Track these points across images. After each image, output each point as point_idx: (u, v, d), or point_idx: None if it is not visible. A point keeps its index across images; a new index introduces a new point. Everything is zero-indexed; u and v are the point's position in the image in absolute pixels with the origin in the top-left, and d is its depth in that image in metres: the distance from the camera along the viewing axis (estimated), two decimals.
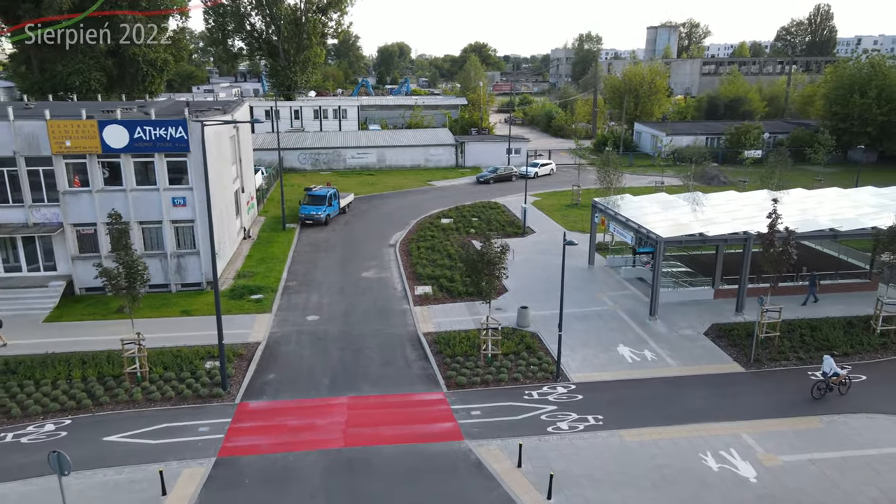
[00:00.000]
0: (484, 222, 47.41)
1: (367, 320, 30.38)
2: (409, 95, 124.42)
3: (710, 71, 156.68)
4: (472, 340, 27.55)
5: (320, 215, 46.72)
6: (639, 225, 30.93)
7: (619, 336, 28.39)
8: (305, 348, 27.40)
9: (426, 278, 35.55)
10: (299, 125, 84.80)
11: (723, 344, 27.61)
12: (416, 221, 48.23)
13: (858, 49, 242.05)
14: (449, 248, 40.81)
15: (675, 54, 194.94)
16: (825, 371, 23.29)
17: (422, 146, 71.36)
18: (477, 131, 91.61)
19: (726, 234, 29.29)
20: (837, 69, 78.16)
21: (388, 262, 39.17)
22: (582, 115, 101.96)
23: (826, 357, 23.54)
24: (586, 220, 48.46)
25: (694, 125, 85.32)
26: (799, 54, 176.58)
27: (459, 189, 60.42)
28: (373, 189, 59.92)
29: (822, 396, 23.29)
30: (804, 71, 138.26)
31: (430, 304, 32.38)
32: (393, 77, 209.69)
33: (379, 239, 43.91)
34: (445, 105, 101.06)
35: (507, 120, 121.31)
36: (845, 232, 30.04)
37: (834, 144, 61.86)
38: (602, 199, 36.42)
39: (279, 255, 39.73)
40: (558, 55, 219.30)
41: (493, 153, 71.54)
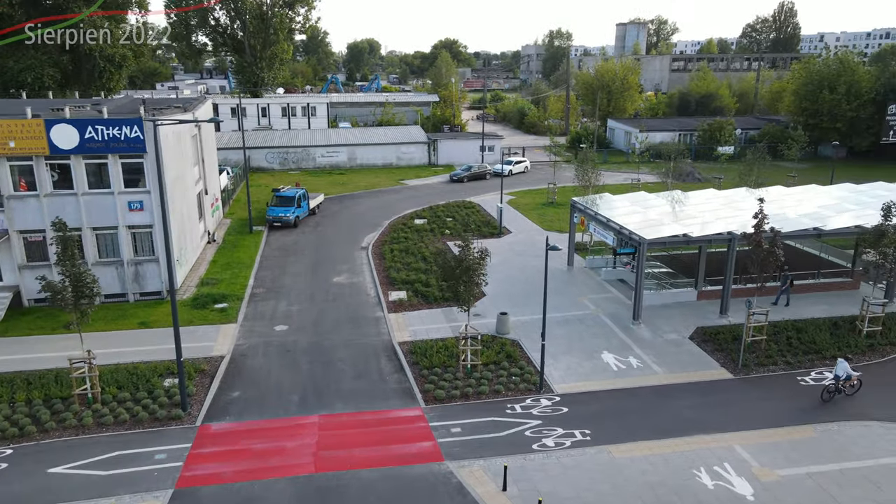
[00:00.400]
0: (459, 223, 46.09)
1: (338, 329, 28.81)
2: (380, 92, 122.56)
3: (680, 67, 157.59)
4: (450, 350, 26.20)
5: (289, 217, 44.88)
6: (620, 226, 29.89)
7: (603, 342, 27.31)
8: (273, 361, 25.74)
9: (400, 283, 34.09)
10: (267, 123, 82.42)
11: (709, 349, 26.72)
12: (389, 222, 46.69)
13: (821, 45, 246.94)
14: (423, 251, 39.39)
15: (644, 51, 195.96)
16: (838, 374, 22.57)
17: (393, 144, 69.75)
18: (449, 128, 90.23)
19: (710, 234, 28.41)
20: (807, 65, 78.59)
21: (360, 265, 37.59)
22: (554, 111, 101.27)
23: (840, 360, 22.84)
24: (563, 219, 47.49)
25: (666, 121, 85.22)
26: (764, 51, 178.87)
27: (433, 188, 59.00)
28: (344, 189, 58.15)
29: (830, 399, 22.55)
30: (771, 67, 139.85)
31: (405, 310, 30.95)
32: (363, 74, 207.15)
33: (350, 241, 42.28)
34: (417, 102, 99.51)
35: (479, 117, 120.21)
36: (829, 231, 29.40)
37: (807, 140, 61.81)
38: (581, 199, 35.36)
39: (245, 260, 37.86)
40: (529, 51, 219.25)
41: (467, 151, 70.27)
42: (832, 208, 32.44)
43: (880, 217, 26.70)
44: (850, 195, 35.73)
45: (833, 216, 30.94)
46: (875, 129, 71.86)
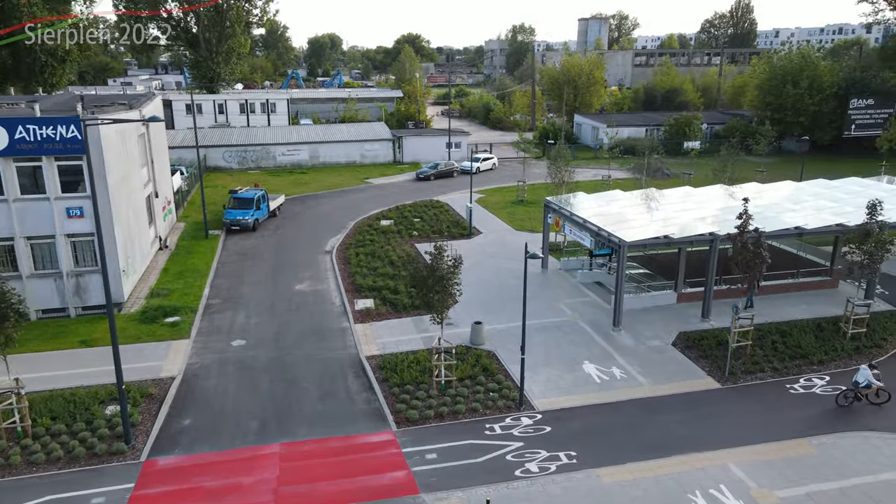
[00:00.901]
0: (427, 223, 44.29)
1: (301, 343, 26.76)
2: (342, 88, 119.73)
3: (642, 62, 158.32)
4: (422, 364, 24.42)
5: (247, 220, 42.44)
6: (598, 227, 28.51)
7: (584, 351, 25.88)
8: (230, 382, 23.59)
9: (367, 290, 32.15)
10: (224, 120, 79.16)
11: (693, 355, 25.52)
12: (354, 224, 44.62)
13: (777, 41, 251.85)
14: (391, 254, 37.50)
15: (607, 46, 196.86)
16: (857, 381, 21.54)
17: (357, 141, 67.51)
18: (414, 125, 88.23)
19: (692, 235, 27.21)
20: (771, 60, 78.86)
21: (324, 271, 35.50)
22: (520, 106, 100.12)
23: (863, 367, 21.85)
24: (534, 217, 46.12)
25: (633, 116, 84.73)
26: (723, 46, 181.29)
27: (399, 187, 57.05)
28: (306, 189, 55.75)
29: (848, 405, 21.54)
30: (731, 62, 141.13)
31: (373, 320, 29.05)
32: (325, 69, 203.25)
33: (313, 245, 40.10)
34: (380, 98, 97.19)
35: (444, 112, 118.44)
36: (811, 230, 28.52)
37: (775, 135, 61.73)
38: (555, 198, 33.92)
39: (200, 268, 35.40)
40: (492, 46, 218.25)
41: (433, 148, 68.46)
42: (810, 206, 31.66)
43: (865, 215, 25.84)
44: (826, 191, 35.12)
45: (813, 214, 30.12)
46: (837, 123, 72.41)
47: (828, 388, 23.07)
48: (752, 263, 23.78)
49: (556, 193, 39.44)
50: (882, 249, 24.85)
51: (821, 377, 23.84)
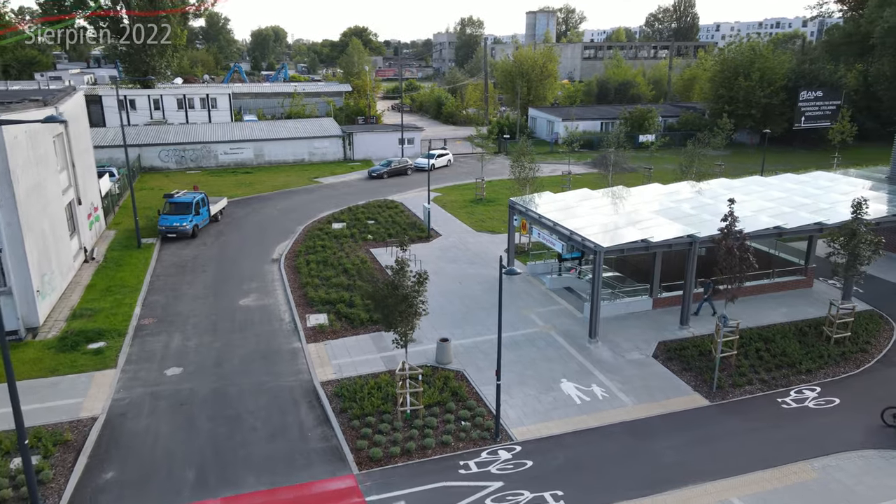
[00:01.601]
0: (382, 225, 41.64)
1: (247, 369, 23.80)
2: (288, 82, 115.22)
3: (591, 55, 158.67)
4: (384, 390, 21.86)
5: (185, 226, 38.85)
6: (571, 231, 26.43)
7: (560, 367, 23.77)
8: (162, 422, 20.50)
9: (320, 303, 29.32)
10: (161, 117, 74.32)
11: (676, 368, 23.75)
12: (304, 228, 41.55)
13: (718, 34, 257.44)
14: (344, 261, 34.70)
15: (555, 39, 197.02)
16: None
17: (305, 138, 64.05)
18: (364, 120, 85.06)
19: (672, 238, 25.41)
20: (722, 53, 78.85)
21: (271, 283, 32.44)
22: (473, 100, 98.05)
23: None
24: (495, 217, 44.00)
25: (588, 110, 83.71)
26: (668, 39, 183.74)
27: (350, 186, 54.05)
28: (250, 190, 52.16)
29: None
30: (677, 55, 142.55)
31: (327, 338, 26.28)
32: (269, 63, 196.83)
33: (260, 253, 36.90)
34: (328, 92, 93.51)
35: (394, 107, 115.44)
36: (791, 230, 27.15)
37: (732, 128, 61.22)
38: (520, 199, 31.74)
39: (131, 283, 31.84)
40: (440, 39, 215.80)
41: (385, 144, 65.64)
42: (785, 202, 30.41)
43: (850, 213, 24.52)
44: (796, 187, 34.06)
45: (789, 212, 28.82)
46: (787, 115, 72.79)
47: (820, 402, 21.60)
48: (741, 268, 22.08)
49: (518, 193, 37.39)
50: (868, 250, 23.55)
51: (811, 388, 22.38)
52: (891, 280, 31.84)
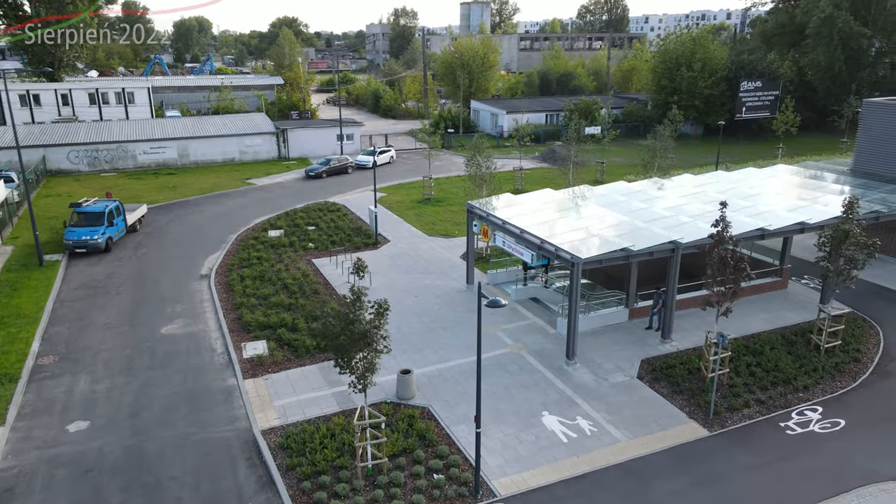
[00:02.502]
0: (324, 231, 37.93)
1: (170, 418, 19.91)
2: (214, 75, 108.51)
3: (527, 46, 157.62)
4: (338, 437, 18.48)
5: (97, 240, 34.05)
6: (542, 239, 23.62)
7: (538, 397, 20.97)
8: (61, 498, 16.47)
9: (257, 328, 25.54)
10: (70, 113, 67.53)
11: (665, 390, 21.35)
12: (237, 237, 37.35)
13: (647, 26, 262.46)
14: (284, 275, 30.91)
15: (490, 30, 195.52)
16: None
17: (235, 136, 59.10)
18: (299, 115, 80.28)
19: (654, 245, 22.96)
20: (664, 43, 78.22)
21: (200, 304, 28.34)
22: (412, 93, 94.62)
23: None
24: (447, 219, 40.98)
25: (532, 102, 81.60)
26: (598, 31, 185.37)
27: (287, 187, 49.84)
28: (174, 194, 47.21)
29: None
30: (613, 46, 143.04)
31: (268, 371, 22.61)
32: (193, 55, 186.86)
33: (186, 268, 32.60)
34: (258, 85, 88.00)
35: (329, 100, 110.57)
36: (774, 231, 25.23)
37: (682, 120, 60.20)
38: (480, 202, 28.75)
39: (29, 311, 27.12)
40: (374, 30, 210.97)
41: (322, 141, 61.45)
42: (759, 200, 28.61)
43: (834, 212, 22.73)
44: (765, 182, 32.51)
45: (767, 211, 26.97)
46: (728, 105, 72.78)
47: (825, 424, 19.62)
48: (735, 280, 19.81)
49: (475, 194, 34.39)
50: (862, 253, 21.78)
51: (812, 408, 20.41)
52: (864, 278, 30.59)
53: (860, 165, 34.29)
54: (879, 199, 28.98)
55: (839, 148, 63.07)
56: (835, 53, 70.09)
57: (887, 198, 29.25)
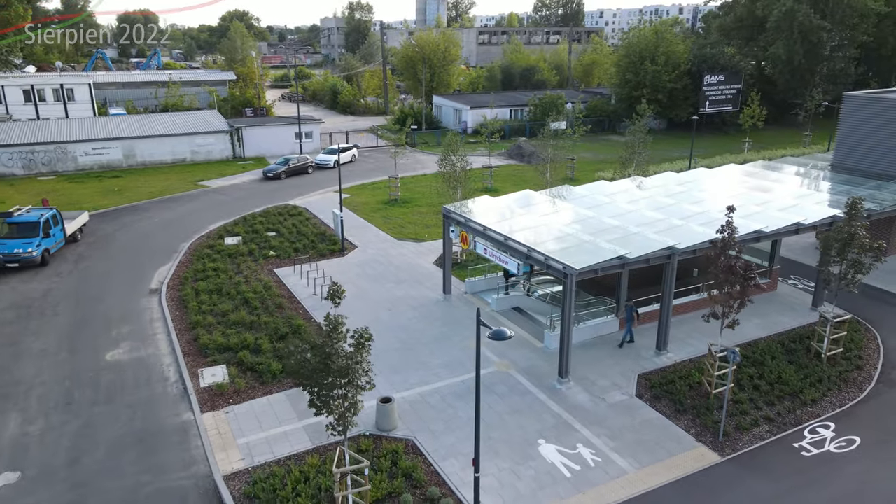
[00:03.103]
0: (285, 238, 35.35)
1: (116, 466, 17.31)
2: (162, 70, 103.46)
3: (485, 41, 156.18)
4: (313, 482, 16.24)
5: (31, 253, 30.76)
6: (529, 248, 21.73)
7: (532, 422, 19.11)
8: None
9: (216, 351, 23.01)
10: (4, 112, 62.72)
11: (667, 410, 19.75)
12: (190, 246, 34.47)
13: (601, 21, 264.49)
14: (244, 288, 28.34)
15: (446, 24, 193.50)
16: None
17: (186, 134, 55.59)
18: (253, 112, 76.80)
19: (650, 252, 21.31)
20: (628, 37, 77.44)
21: (150, 324, 25.58)
22: (371, 88, 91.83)
23: None
24: (416, 221, 38.87)
25: (496, 97, 79.84)
26: (554, 25, 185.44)
27: (243, 189, 46.86)
28: (120, 199, 43.77)
29: None
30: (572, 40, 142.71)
31: (229, 402, 20.17)
32: (139, 49, 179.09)
33: (134, 282, 29.68)
34: (210, 81, 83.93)
35: (285, 96, 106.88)
36: (770, 233, 23.93)
37: (652, 114, 59.30)
38: (456, 206, 26.70)
39: None
40: (328, 24, 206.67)
41: (280, 139, 58.46)
42: (748, 199, 27.33)
43: (842, 213, 21.52)
44: (750, 180, 31.38)
45: (758, 211, 25.68)
46: (692, 99, 72.48)
47: (841, 443, 18.31)
48: (743, 292, 18.30)
49: (448, 197, 32.31)
50: (869, 257, 20.59)
51: (824, 425, 19.09)
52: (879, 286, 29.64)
53: (840, 161, 33.53)
54: (868, 196, 28.04)
55: (802, 141, 63.22)
56: (794, 47, 70.45)
57: (875, 194, 28.40)
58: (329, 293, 13.76)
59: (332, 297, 13.75)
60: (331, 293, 13.74)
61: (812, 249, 30.67)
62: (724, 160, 56.08)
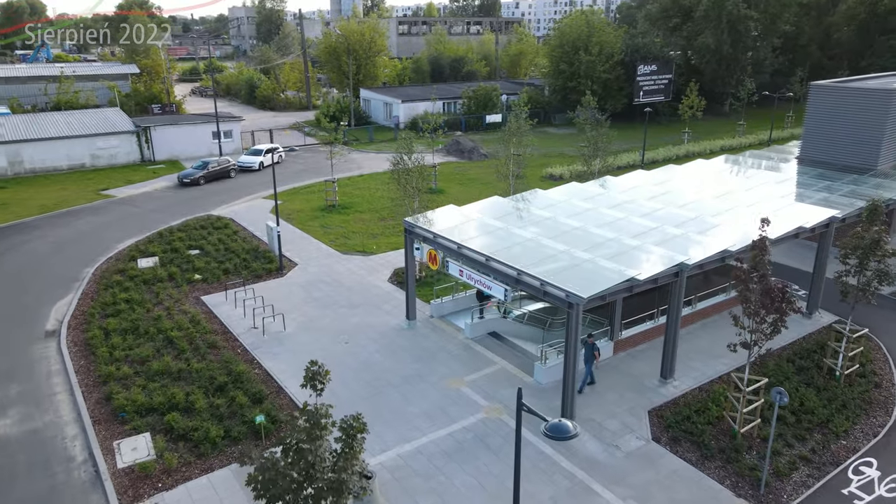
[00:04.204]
0: (212, 256, 30.55)
1: None
2: (52, 63, 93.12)
3: (406, 31, 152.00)
4: None
5: None
6: (519, 271, 18.37)
7: (543, 487, 15.82)
8: None
9: (136, 414, 18.41)
10: None
11: (692, 456, 16.98)
12: (94, 271, 29.11)
13: (518, 11, 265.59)
14: (166, 324, 23.63)
15: (363, 14, 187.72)
16: None
17: (85, 136, 48.78)
18: (162, 109, 69.68)
19: (660, 272, 18.38)
20: (560, 26, 75.55)
21: (46, 380, 20.50)
22: (291, 81, 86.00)
23: None
24: (359, 230, 34.96)
25: (425, 89, 76.17)
26: (471, 15, 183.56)
27: (156, 199, 41.14)
28: (4, 215, 37.24)
29: None
30: (492, 31, 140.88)
31: (158, 489, 15.78)
32: (24, 41, 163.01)
33: (23, 323, 24.25)
34: (109, 75, 75.57)
35: (195, 91, 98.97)
36: (775, 239, 21.58)
37: (597, 106, 57.29)
38: (420, 219, 22.95)
39: None
40: (238, 14, 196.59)
41: (195, 139, 52.51)
42: (737, 200, 25.11)
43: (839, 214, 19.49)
44: (722, 177, 29.37)
45: (754, 214, 23.44)
46: (626, 90, 71.48)
47: (891, 484, 16.08)
48: (781, 317, 15.72)
49: (402, 206, 28.40)
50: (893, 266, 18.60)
51: (866, 462, 16.87)
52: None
53: (808, 154, 32.16)
54: (850, 192, 26.54)
55: (736, 131, 63.20)
56: (722, 36, 70.71)
57: (857, 189, 26.91)
58: (307, 377, 9.83)
59: (310, 381, 9.83)
60: (309, 376, 9.82)
61: (797, 250, 29.00)
62: (668, 152, 55.06)
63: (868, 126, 29.48)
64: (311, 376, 9.86)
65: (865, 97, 29.66)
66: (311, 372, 9.88)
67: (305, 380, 9.81)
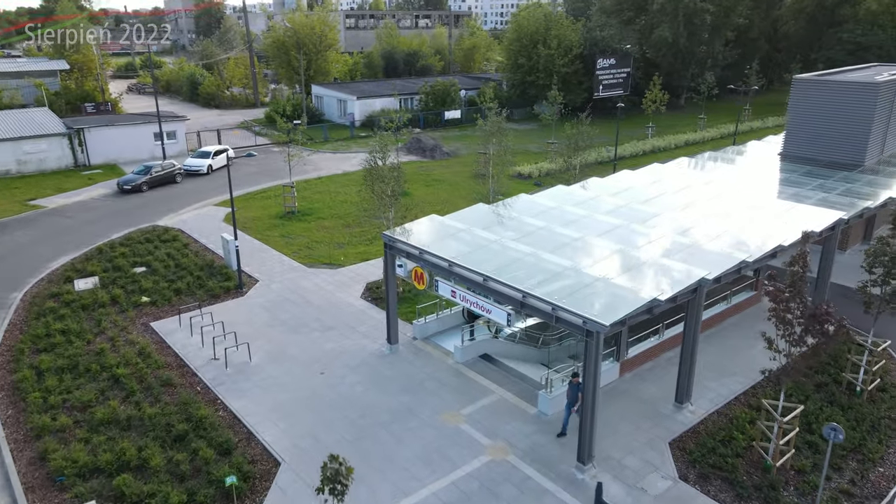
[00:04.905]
0: (160, 275, 27.34)
1: None
2: None
3: (353, 25, 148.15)
4: None
5: None
6: (525, 293, 16.18)
7: None
8: None
9: (78, 477, 15.42)
10: None
11: (727, 497, 15.18)
12: (23, 296, 25.55)
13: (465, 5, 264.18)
14: (110, 359, 20.58)
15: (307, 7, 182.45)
16: None
17: (9, 140, 44.06)
18: (96, 108, 64.59)
19: (681, 290, 16.48)
20: (517, 19, 73.79)
21: None
22: (237, 77, 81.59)
23: None
24: (323, 239, 32.38)
25: (379, 85, 73.33)
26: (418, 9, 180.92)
27: (93, 209, 37.25)
28: None
29: None
30: (443, 24, 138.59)
31: None
32: None
33: None
34: (35, 71, 69.73)
35: (132, 88, 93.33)
36: (788, 247, 20.12)
37: (563, 101, 55.88)
38: (400, 233, 20.50)
39: None
40: (175, 6, 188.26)
41: (134, 141, 48.34)
42: (734, 204, 23.58)
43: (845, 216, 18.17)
44: (708, 176, 27.98)
45: (757, 219, 21.97)
46: (586, 84, 70.37)
47: None
48: (828, 342, 14.08)
49: (372, 212, 25.78)
50: None
51: None
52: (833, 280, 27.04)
53: (791, 150, 31.10)
54: (846, 191, 25.45)
55: (698, 125, 62.79)
56: (679, 30, 70.39)
57: (852, 188, 25.85)
58: (325, 478, 7.38)
59: (329, 484, 7.38)
60: (328, 477, 7.37)
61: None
62: (634, 147, 54.01)
63: (854, 121, 28.53)
64: (330, 477, 7.41)
65: (851, 91, 28.70)
66: (331, 471, 7.43)
67: (323, 482, 7.37)
